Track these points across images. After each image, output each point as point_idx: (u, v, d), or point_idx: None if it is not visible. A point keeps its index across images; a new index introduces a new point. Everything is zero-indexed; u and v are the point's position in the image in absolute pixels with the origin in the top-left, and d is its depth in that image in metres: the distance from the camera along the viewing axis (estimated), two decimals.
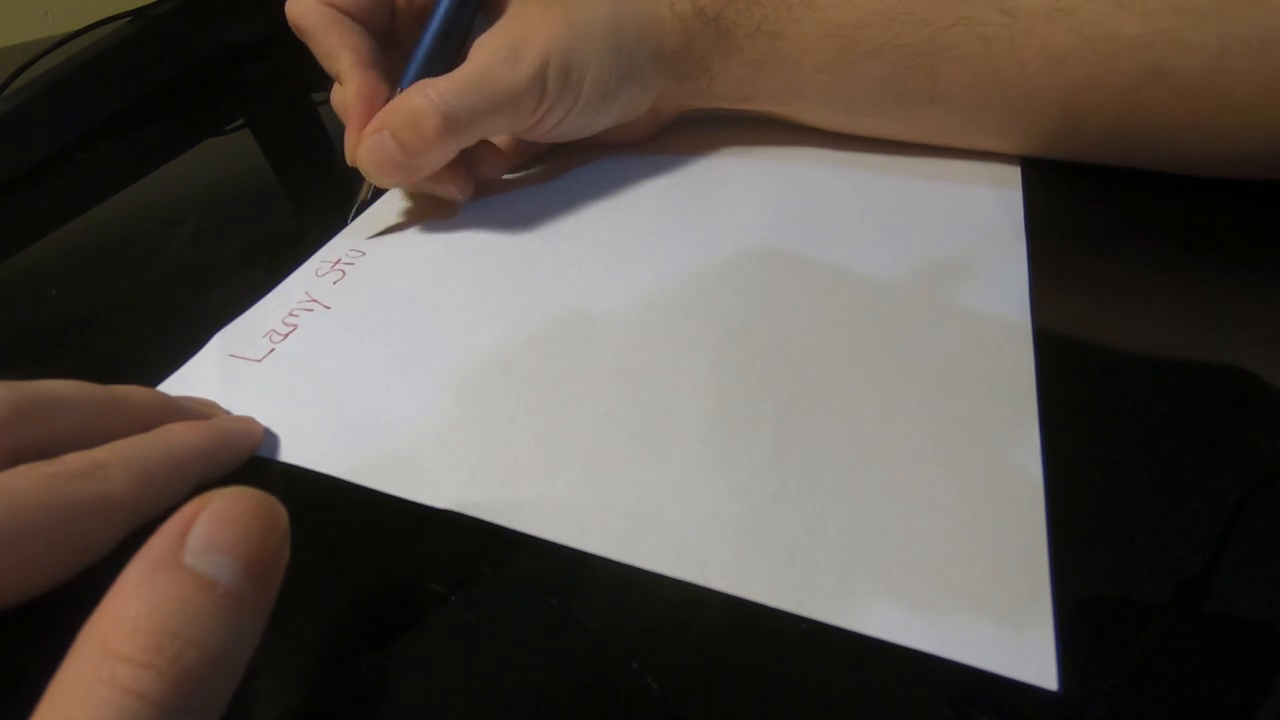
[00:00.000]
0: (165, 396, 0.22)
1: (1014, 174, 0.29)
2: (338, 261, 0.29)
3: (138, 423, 0.19)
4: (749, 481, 0.19)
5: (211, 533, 0.13)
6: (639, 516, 0.19)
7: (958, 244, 0.26)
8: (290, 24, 0.29)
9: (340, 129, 0.29)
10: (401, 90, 0.28)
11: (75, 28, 0.45)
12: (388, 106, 0.27)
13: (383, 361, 0.24)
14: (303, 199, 0.37)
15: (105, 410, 0.19)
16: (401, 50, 0.30)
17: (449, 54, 0.28)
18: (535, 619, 0.17)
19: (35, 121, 0.41)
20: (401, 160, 0.27)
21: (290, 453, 0.21)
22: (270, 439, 0.22)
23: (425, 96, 0.26)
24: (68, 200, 0.38)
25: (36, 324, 0.29)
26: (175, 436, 0.19)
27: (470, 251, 0.29)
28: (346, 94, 0.28)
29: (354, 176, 0.28)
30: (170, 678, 0.11)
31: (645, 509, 0.19)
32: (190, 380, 0.24)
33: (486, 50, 0.27)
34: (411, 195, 0.32)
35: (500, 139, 0.32)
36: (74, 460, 0.16)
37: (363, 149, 0.27)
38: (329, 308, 0.27)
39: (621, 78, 0.29)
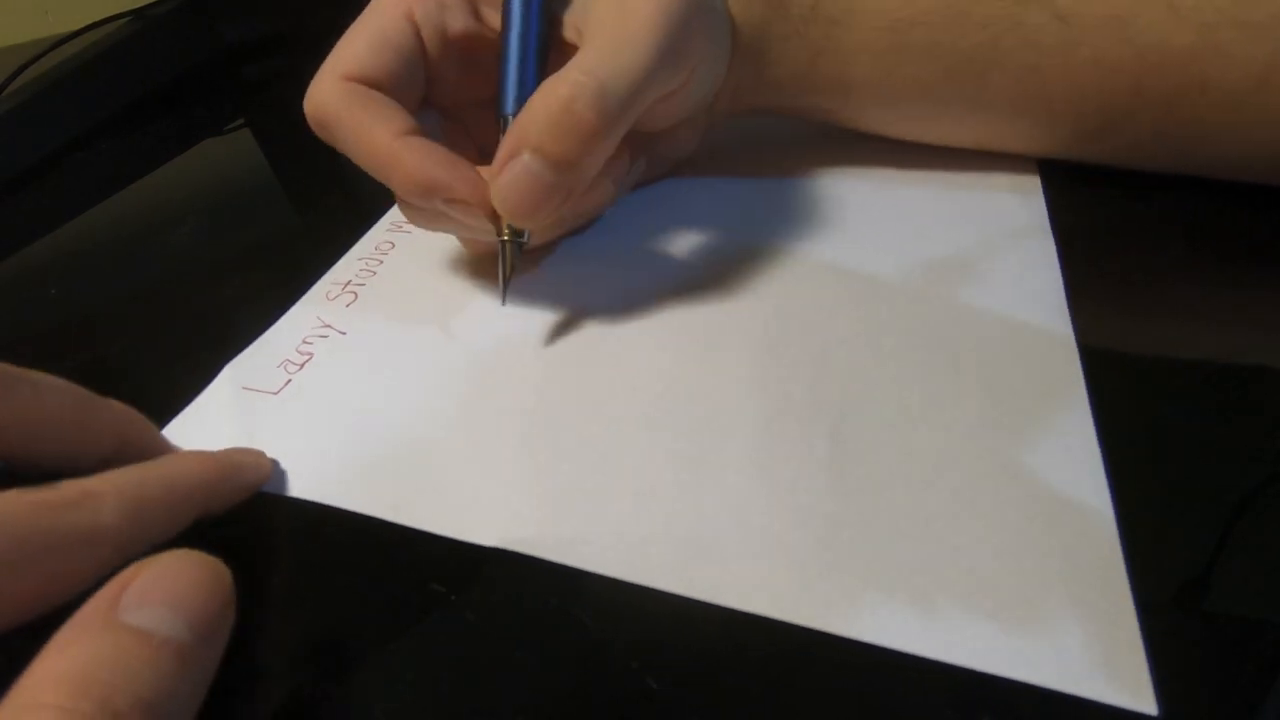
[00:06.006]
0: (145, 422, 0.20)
1: (1033, 181, 0.28)
2: (348, 283, 0.27)
3: (117, 422, 0.19)
4: (810, 504, 0.18)
5: (147, 590, 0.12)
6: (699, 547, 0.18)
7: (984, 249, 0.25)
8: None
9: None
10: (509, 116, 0.22)
11: (75, 28, 0.45)
12: (518, 121, 0.21)
13: (408, 389, 0.23)
14: (303, 199, 0.37)
15: (83, 406, 0.18)
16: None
17: (544, 55, 0.23)
18: (535, 620, 0.17)
19: (35, 121, 0.41)
20: (555, 179, 0.20)
21: (322, 491, 0.20)
22: (298, 476, 0.20)
23: (566, 82, 0.20)
24: (68, 200, 0.38)
25: (36, 324, 0.29)
26: (177, 467, 0.18)
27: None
28: (416, 172, 0.21)
29: (355, 172, 0.26)
30: None
31: (704, 539, 0.18)
32: (203, 417, 0.23)
33: (606, 13, 0.22)
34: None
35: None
36: (65, 488, 0.15)
37: (500, 186, 0.21)
38: (344, 333, 0.25)
39: (711, 42, 0.25)
